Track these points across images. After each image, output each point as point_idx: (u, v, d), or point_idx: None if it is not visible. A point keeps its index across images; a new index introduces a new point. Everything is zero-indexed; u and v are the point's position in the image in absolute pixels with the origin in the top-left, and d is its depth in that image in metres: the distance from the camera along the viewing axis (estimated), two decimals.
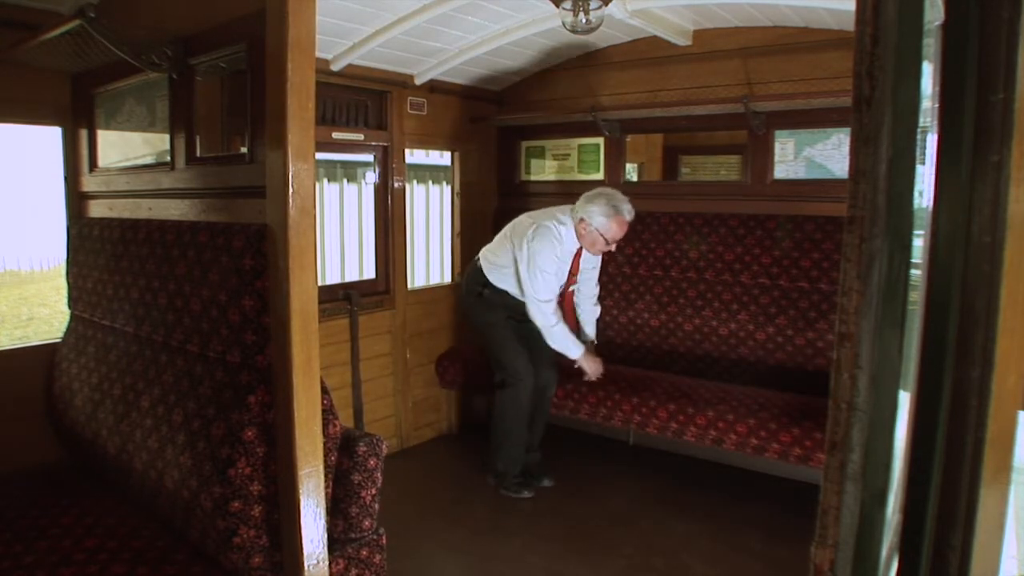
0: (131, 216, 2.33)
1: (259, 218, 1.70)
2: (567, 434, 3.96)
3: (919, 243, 1.01)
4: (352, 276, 6.21)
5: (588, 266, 3.39)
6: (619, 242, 3.26)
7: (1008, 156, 0.88)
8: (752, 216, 3.51)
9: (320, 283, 1.66)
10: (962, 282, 0.93)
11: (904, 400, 1.02)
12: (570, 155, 4.22)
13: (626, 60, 3.87)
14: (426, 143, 4.33)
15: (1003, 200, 0.89)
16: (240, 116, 1.86)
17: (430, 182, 6.90)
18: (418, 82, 3.83)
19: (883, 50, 0.87)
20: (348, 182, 6.34)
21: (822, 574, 0.97)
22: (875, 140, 0.88)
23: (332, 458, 1.73)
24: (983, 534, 0.94)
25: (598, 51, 3.95)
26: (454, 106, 4.12)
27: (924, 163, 0.98)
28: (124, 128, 2.39)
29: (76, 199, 2.64)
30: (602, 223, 3.11)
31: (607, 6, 2.76)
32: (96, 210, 2.57)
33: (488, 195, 4.44)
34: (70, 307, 2.51)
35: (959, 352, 0.94)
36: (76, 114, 2.58)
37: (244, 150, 1.85)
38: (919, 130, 0.91)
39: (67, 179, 2.65)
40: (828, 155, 3.37)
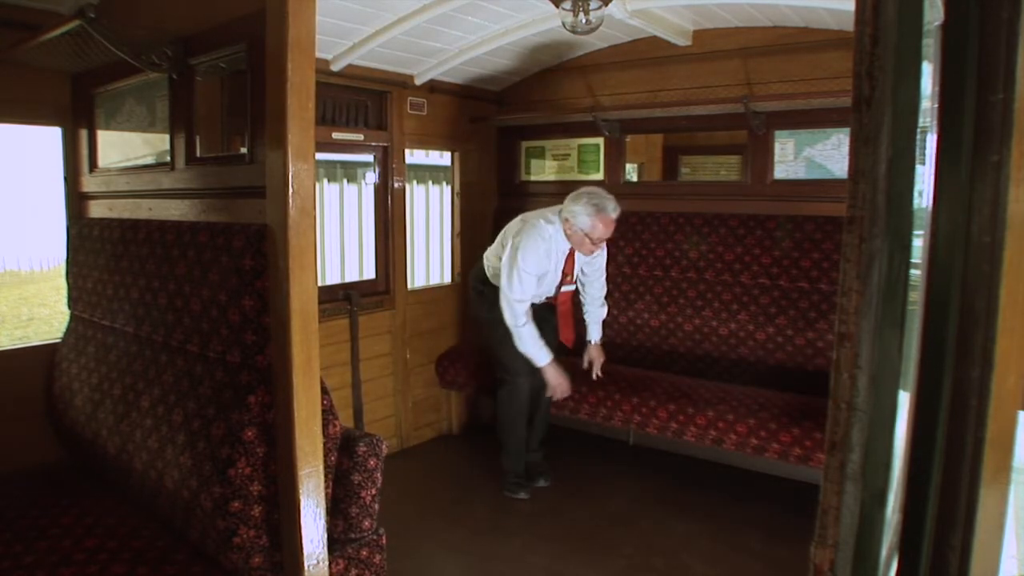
0: (131, 216, 2.33)
1: (259, 218, 1.70)
2: (567, 434, 3.96)
3: (919, 243, 1.01)
4: (352, 276, 6.20)
5: (590, 266, 3.37)
6: (619, 242, 3.24)
7: (1008, 156, 0.88)
8: (752, 216, 3.50)
9: (320, 283, 1.66)
10: (962, 282, 0.93)
11: (904, 400, 1.02)
12: (570, 155, 4.21)
13: (626, 60, 3.87)
14: (426, 143, 4.33)
15: (1003, 200, 0.89)
16: (240, 116, 1.86)
17: (430, 182, 6.89)
18: (418, 82, 3.83)
19: (883, 50, 0.87)
20: (348, 182, 6.34)
21: (822, 574, 0.97)
22: (875, 140, 0.89)
23: (332, 458, 1.73)
24: (983, 534, 0.94)
25: (598, 51, 3.94)
26: (454, 106, 4.12)
27: (924, 163, 0.98)
28: (124, 128, 2.39)
29: (76, 199, 2.64)
30: (585, 223, 3.06)
31: (607, 6, 2.76)
32: (96, 210, 2.57)
33: (488, 195, 4.44)
34: (70, 307, 2.51)
35: (959, 352, 0.94)
36: (76, 114, 2.58)
37: (244, 150, 1.85)
38: (919, 130, 0.92)
39: (67, 179, 2.65)
40: (828, 155, 3.37)
